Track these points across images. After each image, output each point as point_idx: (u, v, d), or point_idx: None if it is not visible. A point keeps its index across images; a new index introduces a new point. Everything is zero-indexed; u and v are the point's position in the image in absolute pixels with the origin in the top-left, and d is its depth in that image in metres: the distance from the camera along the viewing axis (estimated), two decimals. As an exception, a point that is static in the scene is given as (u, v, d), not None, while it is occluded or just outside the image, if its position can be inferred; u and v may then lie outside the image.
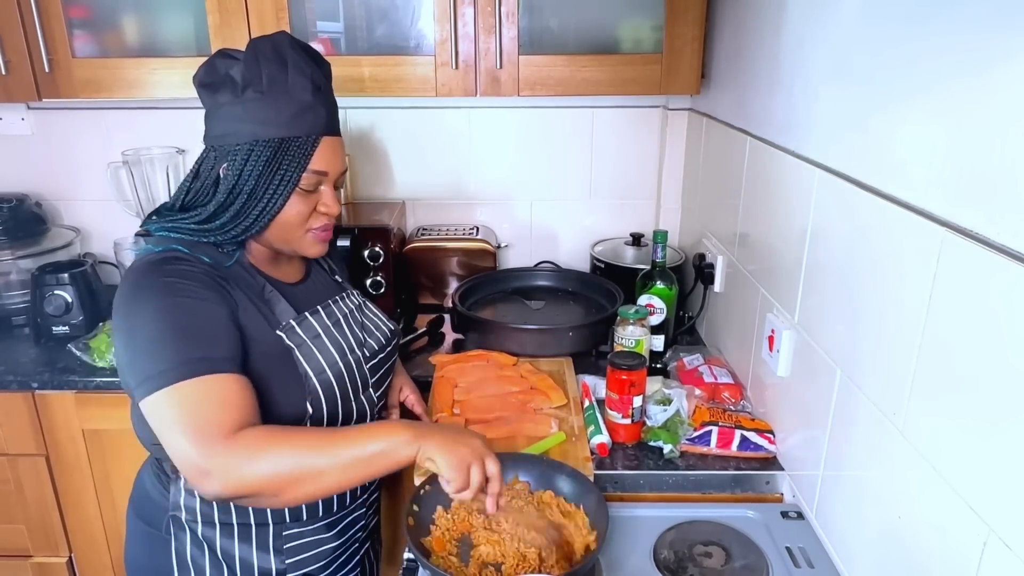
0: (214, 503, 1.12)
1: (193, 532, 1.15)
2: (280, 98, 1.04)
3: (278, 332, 1.10)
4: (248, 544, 1.15)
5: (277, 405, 1.07)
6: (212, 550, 1.15)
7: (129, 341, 0.99)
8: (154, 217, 1.13)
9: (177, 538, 1.15)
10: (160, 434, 0.95)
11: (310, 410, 1.11)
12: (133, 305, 1.00)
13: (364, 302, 1.33)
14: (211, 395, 0.94)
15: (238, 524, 1.15)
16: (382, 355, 1.27)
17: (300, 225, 1.11)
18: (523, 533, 1.11)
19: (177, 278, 1.00)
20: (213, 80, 1.06)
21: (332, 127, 1.10)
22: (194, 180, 1.12)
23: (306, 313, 1.16)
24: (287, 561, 1.18)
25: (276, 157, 1.04)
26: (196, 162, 1.13)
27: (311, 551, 1.20)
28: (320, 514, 1.20)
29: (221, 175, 1.07)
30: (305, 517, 1.18)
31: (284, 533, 1.17)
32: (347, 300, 1.27)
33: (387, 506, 1.57)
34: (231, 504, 1.12)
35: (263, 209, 1.06)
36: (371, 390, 1.23)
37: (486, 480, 1.01)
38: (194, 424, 0.92)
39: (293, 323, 1.12)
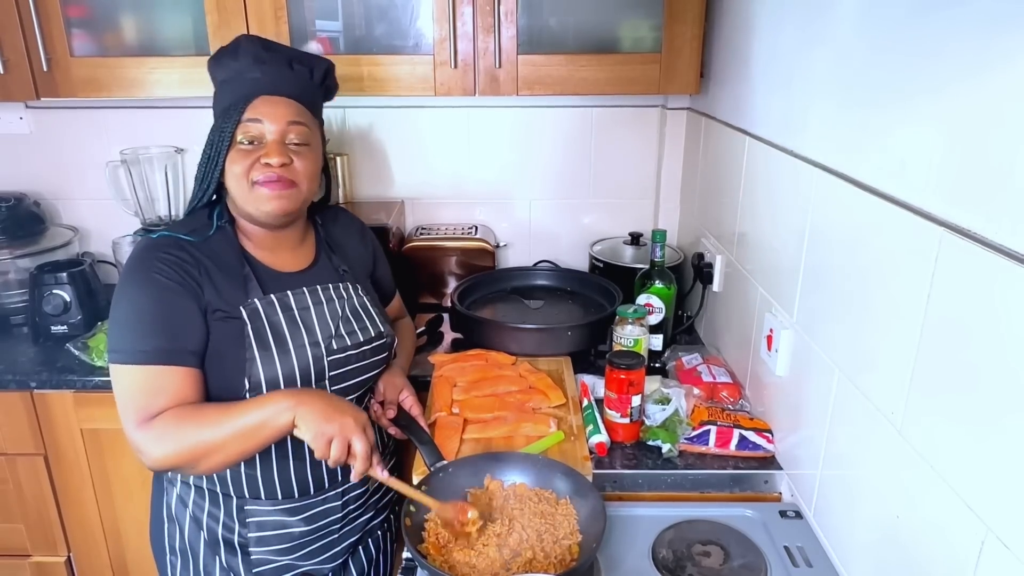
0: None
1: (176, 489, 1.26)
2: (232, 80, 1.18)
3: (240, 308, 1.16)
4: (216, 509, 1.24)
5: (217, 379, 1.15)
6: (188, 508, 1.25)
7: (112, 312, 1.14)
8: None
9: (167, 492, 1.28)
10: (116, 402, 1.12)
11: (247, 385, 1.15)
12: (121, 285, 1.15)
13: (360, 297, 1.33)
14: (149, 383, 1.09)
15: (208, 490, 1.23)
16: (352, 352, 1.26)
17: (244, 176, 1.16)
18: (508, 537, 1.11)
19: (158, 267, 1.12)
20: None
21: (273, 88, 1.18)
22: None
23: (272, 295, 1.19)
24: (250, 535, 1.24)
25: (218, 123, 1.17)
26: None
27: (275, 530, 1.24)
28: (279, 496, 1.23)
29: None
30: (263, 496, 1.23)
31: (246, 507, 1.23)
32: (336, 290, 1.28)
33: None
34: None
35: (212, 169, 1.17)
36: (326, 383, 1.23)
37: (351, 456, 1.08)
38: (131, 406, 1.09)
39: (256, 302, 1.17)
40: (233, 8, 1.71)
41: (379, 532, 1.42)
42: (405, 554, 1.15)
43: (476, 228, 2.13)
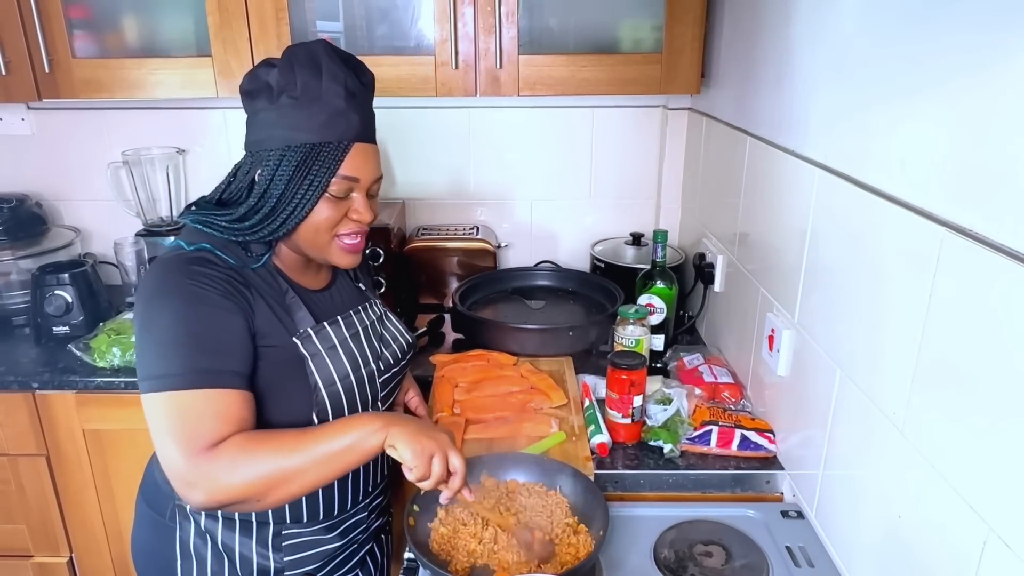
0: None
1: (196, 523, 1.16)
2: (313, 104, 1.04)
3: (294, 339, 1.09)
4: (248, 539, 1.17)
5: (282, 413, 1.08)
6: (214, 542, 1.17)
7: (143, 335, 1.01)
8: (192, 208, 1.13)
9: (181, 527, 1.17)
10: (153, 435, 0.98)
11: (315, 421, 1.10)
12: (154, 300, 1.02)
13: (385, 313, 1.32)
14: (207, 408, 0.97)
15: (239, 519, 1.16)
16: (395, 368, 1.26)
17: (329, 230, 1.09)
18: (505, 534, 1.12)
19: (201, 282, 1.01)
20: (252, 87, 1.07)
21: (366, 134, 1.10)
22: (232, 180, 1.13)
23: (325, 323, 1.15)
24: (285, 559, 1.19)
25: (306, 162, 1.04)
26: (235, 166, 1.13)
27: (310, 551, 1.20)
28: (321, 516, 1.20)
29: (256, 179, 1.08)
30: (305, 519, 1.19)
31: (283, 532, 1.18)
32: (369, 311, 1.26)
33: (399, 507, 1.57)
34: None
35: (291, 212, 1.06)
36: (379, 404, 1.23)
37: (449, 474, 1.03)
38: (184, 435, 0.95)
39: (311, 331, 1.12)
40: (234, 9, 1.71)
41: (383, 535, 1.42)
42: (407, 554, 1.15)
43: (477, 228, 2.13)
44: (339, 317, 1.18)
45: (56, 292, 1.84)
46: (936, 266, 0.85)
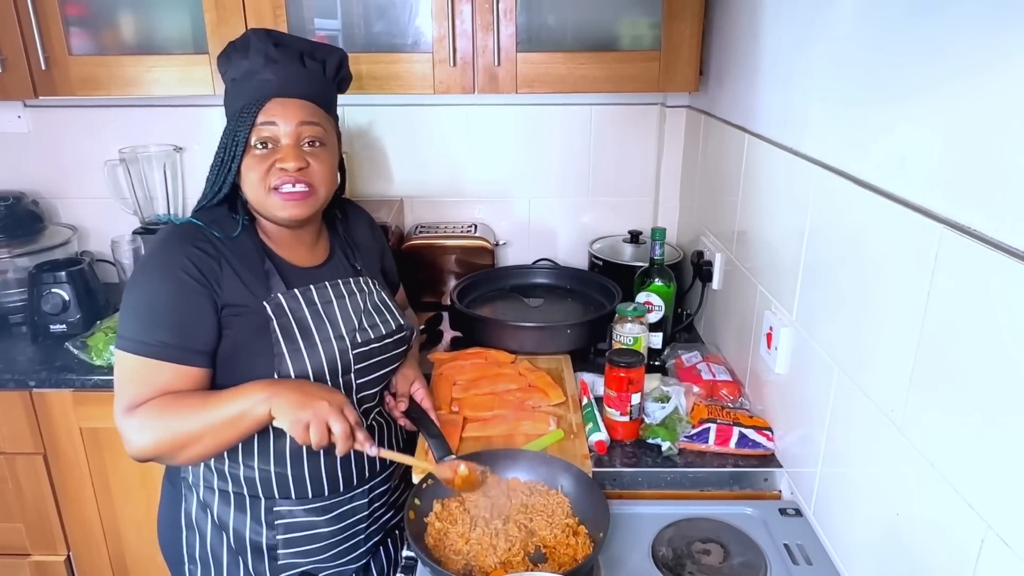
0: (213, 470, 1.22)
1: (197, 495, 1.24)
2: (245, 80, 1.15)
3: (263, 303, 1.15)
4: (242, 514, 1.22)
5: (248, 374, 1.13)
6: (212, 515, 1.23)
7: (126, 299, 1.13)
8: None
9: (186, 499, 1.26)
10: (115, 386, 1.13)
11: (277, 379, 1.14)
12: (141, 271, 1.15)
13: (378, 291, 1.33)
14: (151, 376, 1.10)
15: (233, 493, 1.22)
16: (375, 345, 1.26)
17: (262, 183, 1.15)
18: (497, 527, 1.13)
19: (179, 261, 1.11)
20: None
21: (285, 90, 1.15)
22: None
23: (296, 289, 1.19)
24: (278, 537, 1.23)
25: (231, 126, 1.15)
26: None
27: (303, 531, 1.24)
28: (310, 496, 1.23)
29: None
30: (294, 496, 1.22)
31: (275, 508, 1.22)
32: (355, 284, 1.28)
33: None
34: (225, 472, 1.21)
35: (227, 172, 1.16)
36: (352, 375, 1.23)
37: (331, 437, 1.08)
38: (122, 393, 1.10)
39: (280, 296, 1.17)
40: (231, 6, 1.70)
41: (397, 532, 1.42)
42: (405, 552, 1.15)
43: (475, 226, 2.13)
44: (311, 285, 1.22)
45: (53, 290, 1.84)
46: (934, 263, 0.85)
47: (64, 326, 1.85)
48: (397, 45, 1.80)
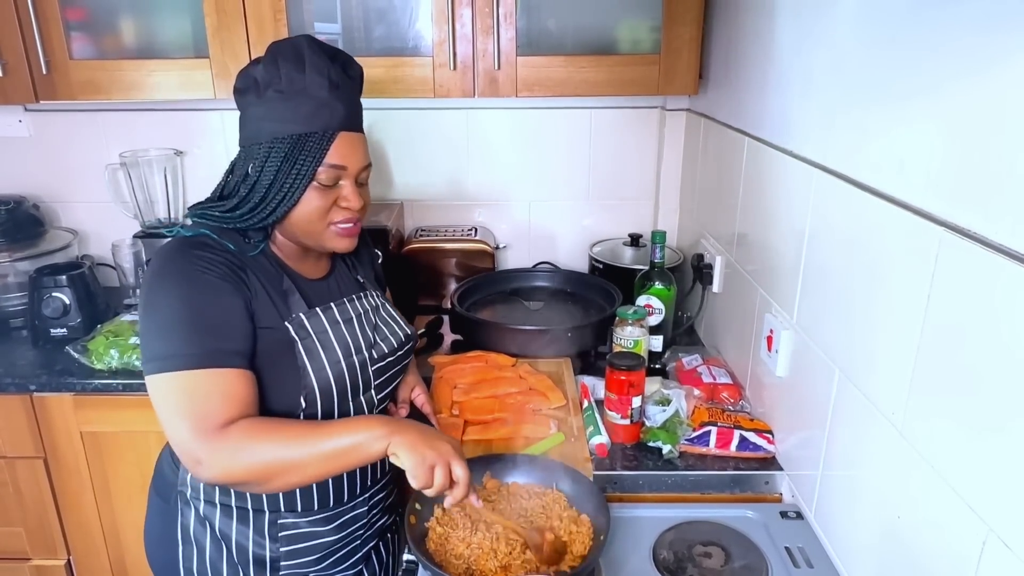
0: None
1: (196, 509, 1.20)
2: (298, 96, 1.07)
3: (286, 323, 1.12)
4: (245, 527, 1.19)
5: (272, 395, 1.10)
6: (212, 528, 1.20)
7: (147, 318, 1.04)
8: (194, 206, 1.18)
9: (183, 513, 1.21)
10: (160, 414, 1.01)
11: (303, 404, 1.12)
12: (156, 284, 1.05)
13: (383, 304, 1.33)
14: (214, 387, 1.00)
15: (236, 507, 1.18)
16: (391, 359, 1.26)
17: (321, 219, 1.12)
18: (500, 532, 1.12)
19: (201, 264, 1.05)
20: (242, 85, 1.11)
21: (351, 123, 1.13)
22: (228, 176, 1.17)
23: (317, 308, 1.17)
24: (281, 549, 1.20)
25: (293, 152, 1.07)
26: (231, 163, 1.17)
27: (306, 542, 1.22)
28: (316, 507, 1.21)
29: (248, 172, 1.11)
30: (300, 508, 1.20)
31: (279, 521, 1.19)
32: (365, 300, 1.27)
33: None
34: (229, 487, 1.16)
35: (281, 201, 1.09)
36: (372, 392, 1.23)
37: (452, 484, 1.03)
38: (194, 414, 0.99)
39: (303, 316, 1.14)
40: (232, 10, 1.71)
41: (388, 534, 1.42)
42: (406, 556, 1.15)
43: (476, 230, 2.13)
44: (332, 304, 1.20)
45: (54, 294, 1.84)
46: (935, 266, 0.85)
47: (65, 330, 1.85)
48: (397, 49, 1.80)
